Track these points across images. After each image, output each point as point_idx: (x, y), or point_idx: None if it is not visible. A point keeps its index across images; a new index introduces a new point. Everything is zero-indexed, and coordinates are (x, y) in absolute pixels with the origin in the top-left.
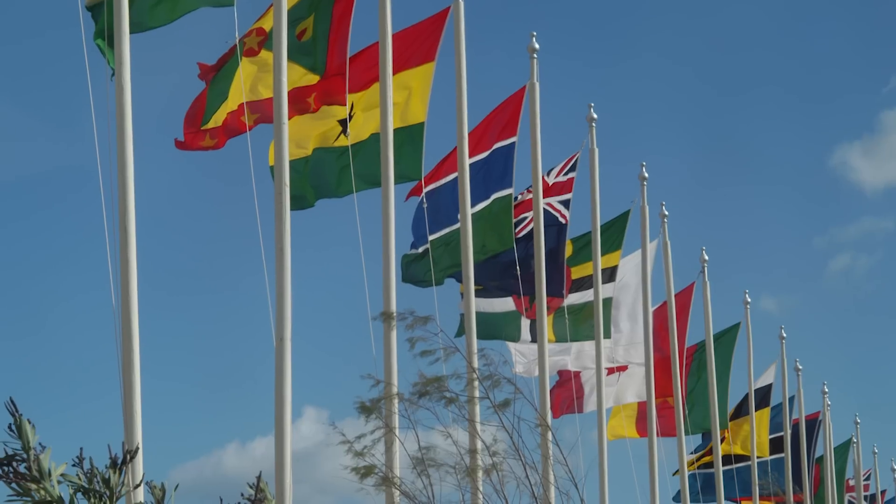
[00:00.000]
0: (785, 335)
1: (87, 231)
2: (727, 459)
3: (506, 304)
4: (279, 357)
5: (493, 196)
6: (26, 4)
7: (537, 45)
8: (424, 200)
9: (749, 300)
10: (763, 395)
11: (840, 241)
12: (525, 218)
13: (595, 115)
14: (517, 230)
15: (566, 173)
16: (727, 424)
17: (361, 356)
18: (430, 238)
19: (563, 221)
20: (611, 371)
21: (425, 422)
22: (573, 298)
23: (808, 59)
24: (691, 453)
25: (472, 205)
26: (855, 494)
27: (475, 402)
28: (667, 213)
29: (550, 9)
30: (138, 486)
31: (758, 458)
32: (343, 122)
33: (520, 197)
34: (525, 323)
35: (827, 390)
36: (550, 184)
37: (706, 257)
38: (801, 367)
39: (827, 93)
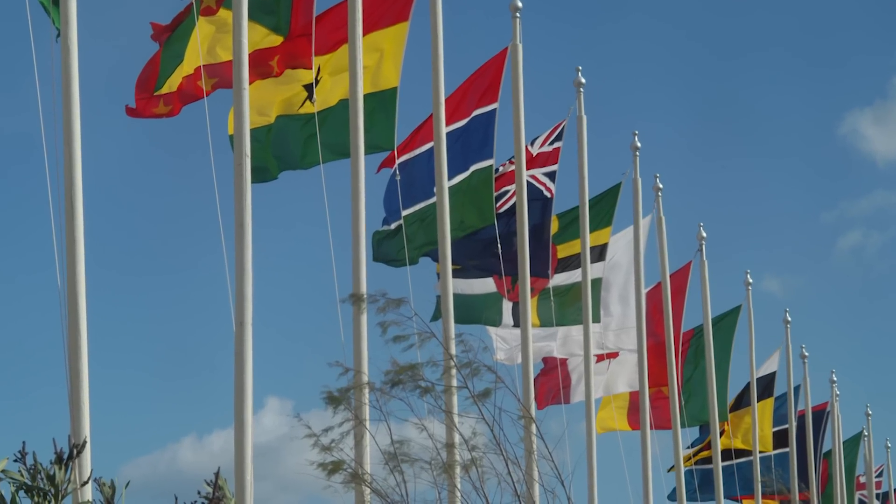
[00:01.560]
0: (790, 319)
1: (30, 205)
2: (727, 454)
3: (486, 285)
4: (239, 343)
5: (472, 168)
6: None
7: (520, 4)
8: (397, 172)
9: (751, 281)
10: (766, 385)
11: (850, 217)
12: (507, 191)
13: (583, 80)
14: (498, 205)
15: (552, 143)
16: (727, 416)
17: (329, 342)
18: (404, 213)
19: (549, 195)
20: (600, 358)
21: (398, 413)
22: (559, 279)
23: (815, 19)
24: (688, 448)
25: (450, 177)
26: (866, 492)
27: (452, 392)
28: (661, 186)
29: None
30: (86, 483)
31: (760, 452)
32: (309, 88)
33: (501, 169)
34: (507, 306)
35: (835, 379)
36: (535, 154)
37: (704, 234)
38: (807, 354)
39: (835, 55)
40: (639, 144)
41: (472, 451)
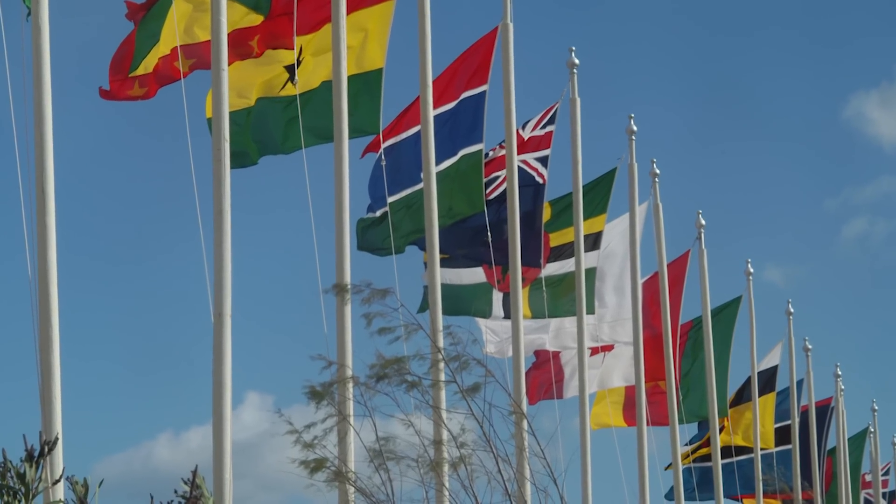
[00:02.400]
0: (792, 310)
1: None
2: (727, 452)
3: (475, 275)
4: (217, 335)
5: (461, 152)
6: None
7: None
8: (383, 157)
9: (752, 271)
10: (768, 379)
11: (855, 204)
12: (497, 177)
13: (577, 61)
14: (488, 191)
15: (544, 126)
16: (727, 412)
17: (311, 334)
18: (390, 200)
19: (541, 181)
20: (595, 351)
21: (384, 409)
22: (552, 269)
23: None
24: (686, 445)
25: (437, 162)
26: (872, 491)
27: (440, 387)
28: (658, 171)
29: None
30: (57, 481)
31: (762, 450)
32: (290, 69)
33: (491, 153)
34: (497, 297)
35: (840, 373)
36: (526, 138)
37: (703, 222)
38: (810, 347)
39: (840, 35)
40: (635, 128)
41: (460, 448)
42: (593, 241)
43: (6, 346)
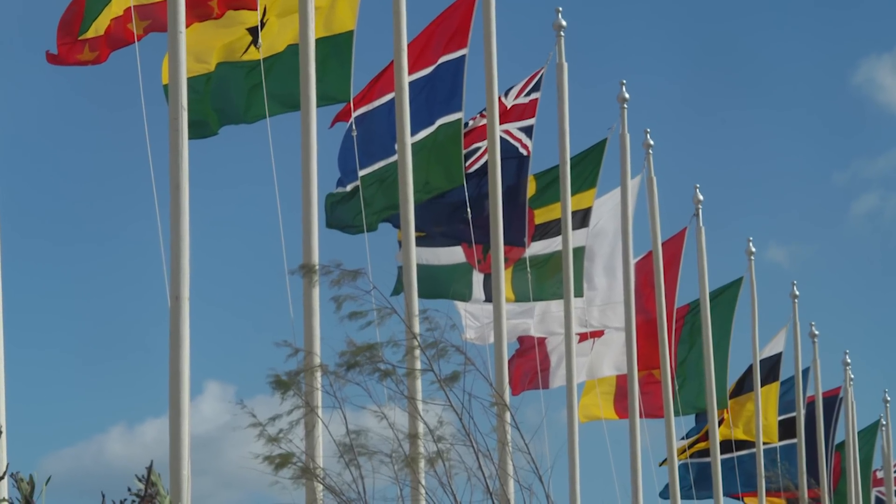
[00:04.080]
0: (798, 293)
1: None
2: (726, 446)
3: (454, 254)
4: (175, 320)
5: (439, 122)
6: None
7: None
8: (354, 127)
9: (753, 250)
10: (771, 368)
11: (865, 178)
12: (478, 149)
13: (563, 22)
14: (468, 164)
15: (528, 94)
16: (727, 403)
17: (276, 319)
18: (361, 174)
19: (525, 153)
20: (583, 337)
21: (355, 400)
22: (537, 248)
23: None
24: (682, 439)
25: (413, 133)
26: (884, 489)
27: (416, 376)
28: (652, 142)
29: None
30: (1, 478)
31: (764, 444)
32: (253, 31)
33: (471, 123)
34: (477, 278)
35: (849, 361)
36: (509, 107)
37: (701, 197)
38: (817, 333)
39: None
40: (627, 96)
41: (438, 442)
42: (582, 218)
43: None
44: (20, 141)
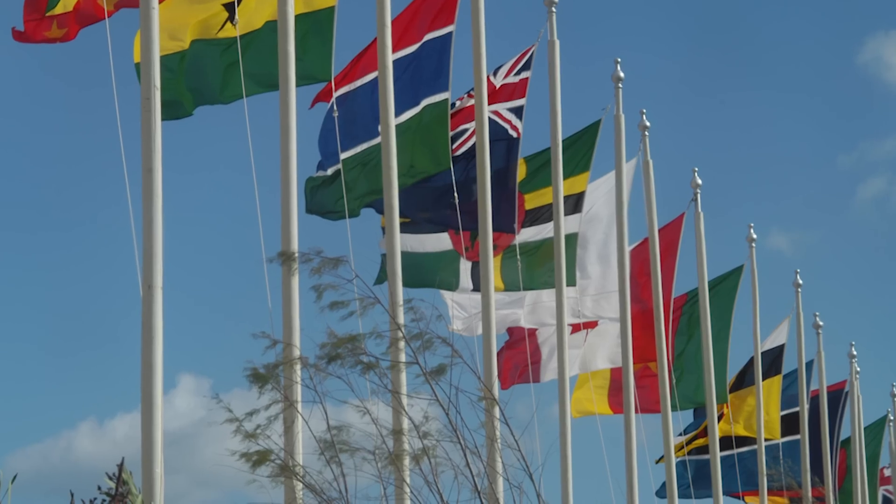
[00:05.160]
0: (801, 282)
1: None
2: (726, 443)
3: (440, 241)
4: (147, 310)
5: (424, 102)
6: None
7: None
8: (335, 108)
9: (755, 237)
10: (773, 360)
11: (872, 161)
12: (465, 130)
13: None
14: (455, 146)
15: (518, 73)
16: (726, 398)
17: (254, 310)
18: (343, 156)
19: (515, 135)
20: (576, 328)
21: (336, 394)
22: (527, 234)
23: None
24: (680, 435)
25: (397, 113)
26: (891, 487)
27: (401, 369)
28: (648, 124)
29: None
30: None
31: (766, 440)
32: (230, 7)
33: (458, 103)
34: (465, 266)
35: (855, 353)
36: (498, 86)
37: (699, 181)
38: (821, 324)
39: None
40: (622, 75)
41: (423, 438)
42: (574, 204)
43: None
44: None
